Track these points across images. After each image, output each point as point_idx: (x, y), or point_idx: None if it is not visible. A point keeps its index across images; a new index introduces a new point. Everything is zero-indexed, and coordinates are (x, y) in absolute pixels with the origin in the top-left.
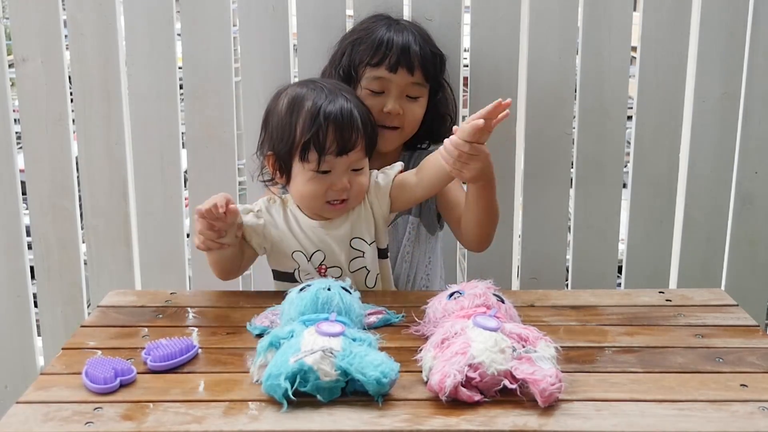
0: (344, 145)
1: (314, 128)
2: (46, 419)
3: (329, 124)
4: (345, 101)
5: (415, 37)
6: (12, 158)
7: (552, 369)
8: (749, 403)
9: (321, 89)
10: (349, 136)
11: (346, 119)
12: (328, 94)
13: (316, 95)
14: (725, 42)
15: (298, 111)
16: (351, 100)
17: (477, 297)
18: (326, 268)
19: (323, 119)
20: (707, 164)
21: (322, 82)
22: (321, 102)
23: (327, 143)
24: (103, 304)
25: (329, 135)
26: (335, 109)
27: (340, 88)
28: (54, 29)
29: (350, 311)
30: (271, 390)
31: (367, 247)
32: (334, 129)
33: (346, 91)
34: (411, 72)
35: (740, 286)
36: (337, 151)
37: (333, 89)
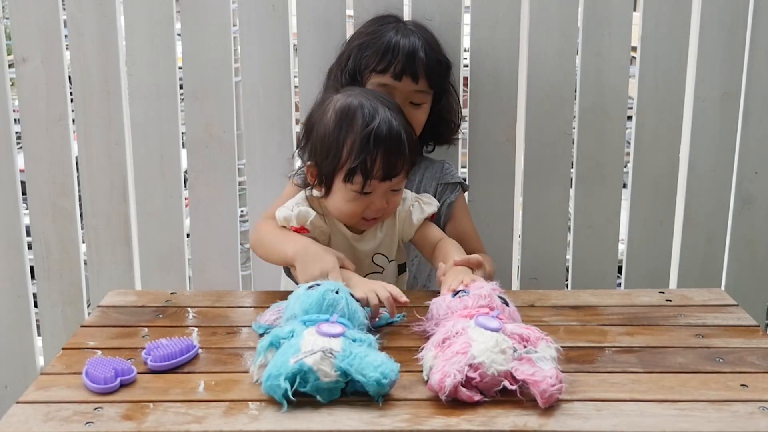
0: (390, 172)
1: (364, 154)
2: (46, 419)
3: (379, 151)
4: (393, 120)
5: (422, 44)
6: (12, 158)
7: (552, 370)
8: (749, 403)
9: (369, 103)
10: (396, 162)
11: (395, 145)
12: (378, 111)
13: (366, 111)
14: (725, 42)
15: (347, 129)
16: (397, 118)
17: (482, 297)
18: None
19: (373, 145)
20: (707, 164)
21: (368, 93)
22: (372, 122)
23: (374, 169)
24: (103, 304)
25: (377, 161)
26: (385, 133)
27: (386, 103)
28: (54, 29)
29: (354, 318)
30: (270, 390)
31: (388, 264)
32: (383, 155)
33: (392, 108)
34: (415, 80)
35: (740, 286)
36: (383, 176)
37: (380, 104)
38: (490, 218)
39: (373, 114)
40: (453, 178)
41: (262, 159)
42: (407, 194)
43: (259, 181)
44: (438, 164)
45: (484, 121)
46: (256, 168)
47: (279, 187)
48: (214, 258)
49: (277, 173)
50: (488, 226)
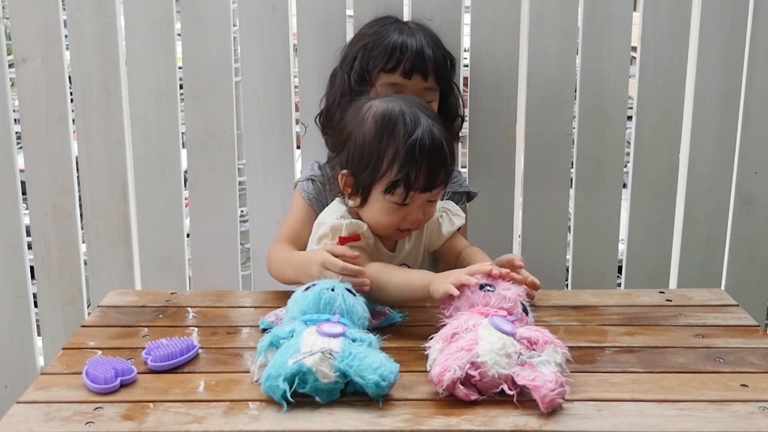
0: (432, 183)
1: (407, 166)
2: (46, 419)
3: (423, 163)
4: (435, 130)
5: (427, 42)
6: (12, 158)
7: (552, 374)
8: (750, 403)
9: (410, 110)
10: (438, 173)
11: (438, 156)
12: (419, 120)
13: (408, 120)
14: (725, 42)
15: (389, 138)
16: (437, 127)
17: (505, 300)
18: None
19: (419, 156)
20: (707, 164)
21: (406, 99)
22: (414, 132)
23: (418, 182)
24: (104, 304)
25: (421, 174)
26: (428, 145)
27: (426, 111)
28: (54, 29)
29: (352, 313)
30: (270, 391)
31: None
32: (427, 167)
33: (431, 116)
34: (425, 77)
35: (740, 286)
36: (424, 188)
37: (420, 112)
38: (490, 218)
39: (415, 123)
40: (461, 187)
41: (262, 159)
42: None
43: (259, 181)
44: None
45: (484, 121)
46: (256, 168)
47: (279, 187)
48: (214, 258)
49: (277, 173)
50: (488, 226)
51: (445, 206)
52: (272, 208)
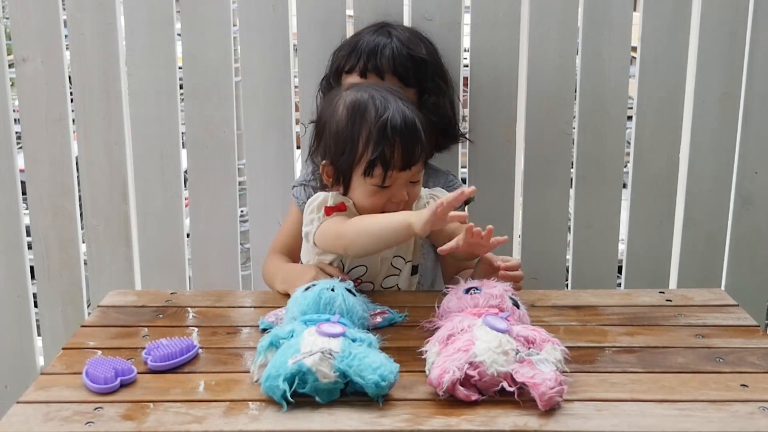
0: (409, 160)
1: (381, 144)
2: (46, 419)
3: (396, 140)
4: (406, 109)
5: (393, 41)
6: (12, 158)
7: (551, 373)
8: (749, 403)
9: (379, 94)
10: (414, 149)
11: (411, 133)
12: (389, 101)
13: (377, 102)
14: (725, 42)
15: (361, 121)
16: (409, 107)
17: (493, 297)
18: (361, 282)
19: (390, 134)
20: (707, 164)
21: (376, 86)
22: (385, 112)
23: (394, 159)
24: (104, 304)
25: (396, 151)
26: (400, 122)
27: (396, 93)
28: (54, 29)
29: (352, 313)
30: (269, 391)
31: (404, 266)
32: (401, 144)
33: (402, 98)
34: (381, 76)
35: (740, 286)
36: (402, 166)
37: (390, 95)
38: (490, 218)
39: (384, 105)
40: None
41: (262, 159)
42: (421, 191)
43: (259, 181)
44: (443, 175)
45: (484, 121)
46: (256, 168)
47: (279, 187)
48: (214, 258)
49: (277, 173)
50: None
51: (433, 192)
52: (272, 208)
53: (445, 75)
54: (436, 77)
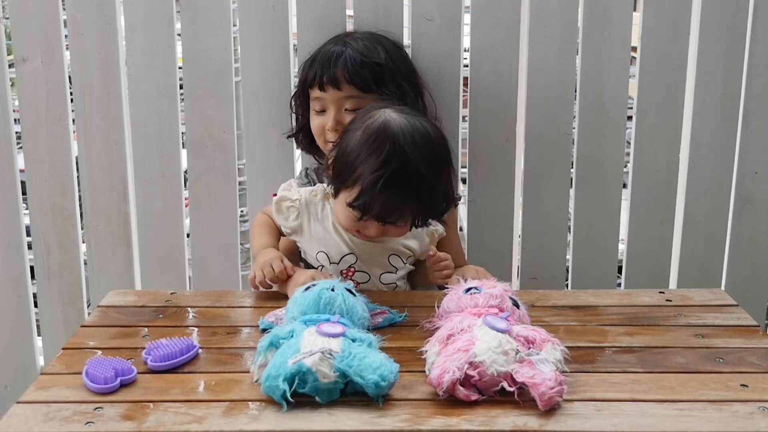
0: (388, 216)
1: (367, 195)
2: (46, 419)
3: (382, 196)
4: (421, 167)
5: (348, 50)
6: (12, 158)
7: (551, 373)
8: (749, 403)
9: (404, 135)
10: (398, 208)
11: (403, 194)
12: (405, 150)
13: (392, 146)
14: (725, 42)
15: (366, 156)
16: (425, 162)
17: (493, 297)
18: (354, 272)
19: (380, 188)
20: (707, 164)
21: (418, 119)
22: (389, 163)
23: (373, 210)
24: (103, 304)
25: (377, 205)
26: (396, 181)
27: (426, 140)
28: (54, 29)
29: (352, 313)
30: (269, 391)
31: (403, 265)
32: (385, 201)
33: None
34: (337, 87)
35: (740, 286)
36: (379, 218)
37: (416, 140)
38: (490, 218)
39: (398, 152)
40: None
41: (262, 159)
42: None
43: (259, 181)
44: None
45: (484, 121)
46: (256, 168)
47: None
48: (214, 258)
49: (277, 173)
50: (488, 226)
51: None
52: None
53: (409, 75)
54: (398, 79)
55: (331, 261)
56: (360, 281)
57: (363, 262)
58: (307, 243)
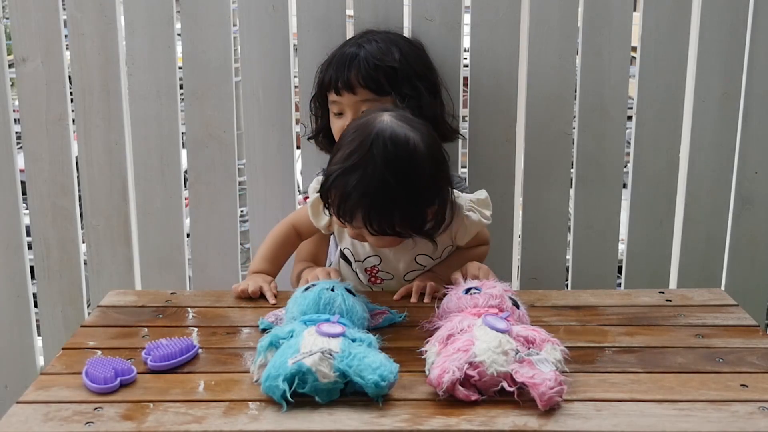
0: (341, 213)
1: (326, 197)
2: (46, 419)
3: (335, 189)
4: (385, 174)
5: (362, 53)
6: (12, 158)
7: (551, 373)
8: (749, 403)
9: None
10: (348, 211)
11: (350, 199)
12: (378, 164)
13: (365, 153)
14: (725, 42)
15: (338, 150)
16: (392, 171)
17: (493, 297)
18: (378, 271)
19: (333, 179)
20: (707, 164)
21: (402, 123)
22: (351, 157)
23: (343, 217)
24: (103, 304)
25: (331, 196)
26: (353, 180)
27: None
28: (54, 29)
29: (352, 313)
30: (269, 391)
31: (431, 262)
32: (339, 197)
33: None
34: (352, 91)
35: (740, 286)
36: (350, 223)
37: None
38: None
39: (365, 149)
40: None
41: (262, 159)
42: (461, 199)
43: (259, 181)
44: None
45: (484, 121)
46: (256, 168)
47: (279, 187)
48: (214, 258)
49: (277, 173)
50: (488, 226)
51: (475, 199)
52: (272, 208)
53: (426, 75)
54: (414, 80)
55: (356, 259)
56: (384, 279)
57: (386, 262)
58: (339, 238)
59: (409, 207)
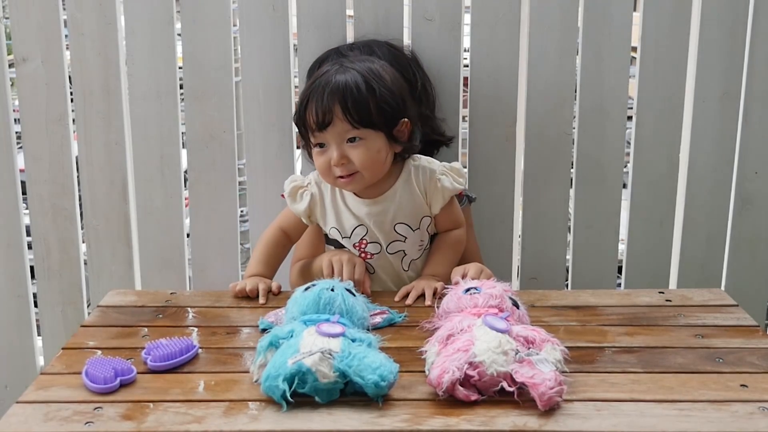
0: (322, 119)
1: (301, 105)
2: (46, 419)
3: (311, 100)
4: (347, 73)
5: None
6: (12, 158)
7: (551, 373)
8: (749, 404)
9: (336, 60)
10: (328, 109)
11: (330, 93)
12: (334, 66)
13: (323, 67)
14: (725, 42)
15: (320, 75)
16: (359, 70)
17: (493, 297)
18: (367, 243)
19: (309, 95)
20: (707, 164)
21: (343, 51)
22: (319, 77)
23: (307, 119)
24: (103, 304)
25: (309, 110)
26: (322, 83)
27: (360, 60)
28: (54, 29)
29: (352, 313)
30: (269, 391)
31: (411, 233)
32: (314, 104)
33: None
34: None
35: (740, 286)
36: (316, 126)
37: (346, 60)
38: (490, 218)
39: (326, 70)
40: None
41: (262, 159)
42: (434, 164)
43: (259, 181)
44: None
45: (484, 121)
46: (256, 168)
47: (279, 187)
48: (214, 258)
49: (277, 173)
50: (488, 226)
51: (451, 167)
52: (272, 208)
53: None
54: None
55: (343, 235)
56: (373, 252)
57: (372, 232)
58: (322, 222)
59: (382, 97)
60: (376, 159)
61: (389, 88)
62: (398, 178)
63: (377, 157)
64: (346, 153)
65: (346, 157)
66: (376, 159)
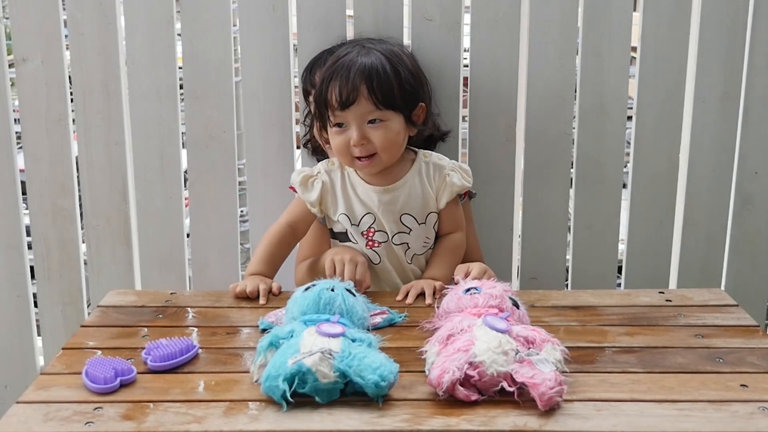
0: (345, 99)
1: (322, 85)
2: (46, 419)
3: (332, 80)
4: (366, 56)
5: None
6: (12, 158)
7: (551, 373)
8: (749, 404)
9: (356, 46)
10: (352, 88)
11: (351, 73)
12: (354, 50)
13: (342, 51)
14: (725, 42)
15: (323, 69)
16: (377, 55)
17: (493, 297)
18: (374, 231)
19: (331, 75)
20: (707, 164)
21: (360, 41)
22: (345, 55)
23: (329, 98)
24: (103, 304)
25: (330, 90)
26: (345, 64)
27: (378, 47)
28: (54, 29)
29: (352, 313)
30: (269, 391)
31: (416, 227)
32: (336, 83)
33: (384, 50)
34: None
35: (740, 286)
36: (338, 105)
37: (364, 47)
38: (490, 218)
39: (347, 51)
40: None
41: (262, 159)
42: (444, 160)
43: (259, 181)
44: None
45: (484, 121)
46: (256, 168)
47: (279, 187)
48: (214, 258)
49: (277, 173)
50: (488, 226)
51: (460, 165)
52: (272, 208)
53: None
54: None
55: (352, 222)
56: (380, 241)
57: (379, 221)
58: (332, 210)
59: (405, 79)
60: (395, 141)
61: (411, 71)
62: (410, 169)
63: (396, 139)
64: (366, 134)
65: (366, 137)
66: (395, 141)
